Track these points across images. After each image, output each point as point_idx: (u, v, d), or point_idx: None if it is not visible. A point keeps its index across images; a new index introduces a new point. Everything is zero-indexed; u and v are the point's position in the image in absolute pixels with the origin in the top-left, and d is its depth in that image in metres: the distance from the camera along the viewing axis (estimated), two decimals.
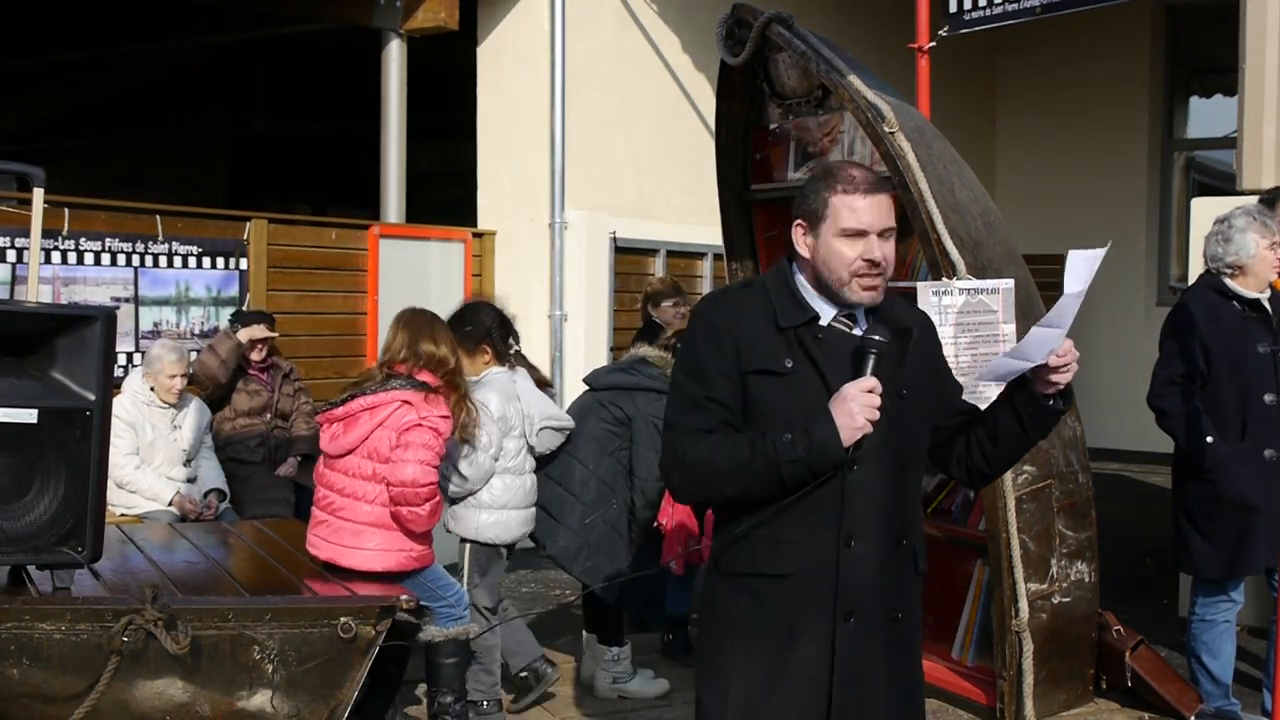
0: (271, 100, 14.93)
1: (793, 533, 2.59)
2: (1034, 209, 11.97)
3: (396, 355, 4.51)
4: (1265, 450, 4.63)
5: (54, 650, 3.61)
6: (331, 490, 4.46)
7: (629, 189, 8.91)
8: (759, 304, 2.67)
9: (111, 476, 5.96)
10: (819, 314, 2.65)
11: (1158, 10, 11.83)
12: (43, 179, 4.23)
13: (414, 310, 4.70)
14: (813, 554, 2.59)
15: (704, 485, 2.63)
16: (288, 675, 3.81)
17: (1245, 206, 4.85)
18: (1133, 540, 7.69)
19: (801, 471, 2.52)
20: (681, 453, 2.62)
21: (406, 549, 4.44)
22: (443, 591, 4.62)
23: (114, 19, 11.30)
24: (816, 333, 2.63)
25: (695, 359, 2.66)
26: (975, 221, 4.90)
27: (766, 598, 2.61)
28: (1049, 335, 2.59)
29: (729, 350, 2.61)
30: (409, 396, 4.42)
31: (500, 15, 8.66)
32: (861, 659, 2.61)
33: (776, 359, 2.60)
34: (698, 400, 2.63)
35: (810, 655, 2.59)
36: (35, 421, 3.58)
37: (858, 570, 2.60)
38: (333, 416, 4.47)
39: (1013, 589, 4.67)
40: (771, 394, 2.60)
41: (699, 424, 2.61)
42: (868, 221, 2.59)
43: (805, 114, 5.56)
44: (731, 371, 2.61)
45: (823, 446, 2.50)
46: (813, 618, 2.59)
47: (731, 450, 2.56)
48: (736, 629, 2.64)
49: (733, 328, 2.63)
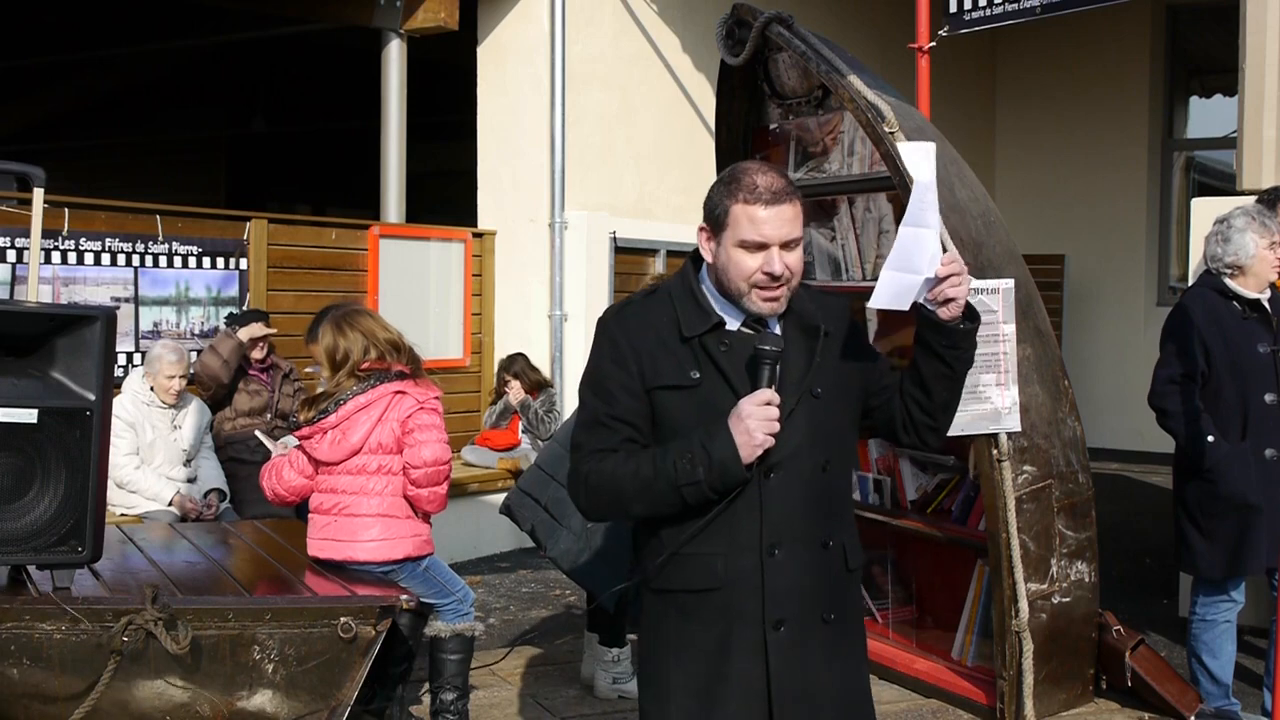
0: (271, 100, 14.94)
1: (714, 546, 2.54)
2: (1034, 209, 11.98)
3: (362, 356, 4.47)
4: (1266, 450, 4.63)
5: (54, 650, 3.62)
6: (335, 493, 4.46)
7: (629, 189, 8.91)
8: (663, 313, 2.59)
9: (111, 476, 5.97)
10: (724, 320, 2.57)
11: (1158, 10, 11.83)
12: (43, 179, 4.23)
13: (341, 308, 4.63)
14: (736, 566, 2.54)
15: (610, 506, 2.59)
16: (288, 675, 3.81)
17: (1244, 206, 4.85)
18: (1133, 540, 7.69)
19: (702, 493, 2.47)
20: (585, 473, 2.56)
21: (412, 535, 4.47)
22: (450, 587, 4.62)
23: (114, 19, 11.30)
24: (722, 340, 2.55)
25: (599, 377, 2.59)
26: (975, 221, 4.90)
27: (695, 613, 2.57)
28: (922, 238, 2.50)
29: (632, 367, 2.54)
30: (400, 386, 4.43)
31: (500, 15, 8.66)
32: (797, 667, 2.56)
33: (681, 372, 2.53)
34: (601, 418, 2.56)
35: (745, 667, 2.55)
36: (35, 421, 3.58)
37: (783, 578, 2.54)
38: (326, 425, 4.46)
39: (1013, 589, 4.67)
40: (679, 407, 2.53)
41: (602, 443, 2.55)
42: (768, 234, 2.49)
43: (805, 114, 5.55)
44: (636, 388, 2.54)
45: (722, 466, 2.45)
46: (743, 630, 2.55)
47: (635, 471, 2.50)
48: (671, 645, 2.60)
49: (635, 344, 2.55)
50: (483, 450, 8.13)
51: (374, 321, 4.56)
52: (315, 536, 4.50)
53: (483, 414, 8.36)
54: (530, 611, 6.62)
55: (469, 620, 4.63)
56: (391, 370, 4.47)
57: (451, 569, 4.79)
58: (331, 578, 4.26)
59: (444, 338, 8.29)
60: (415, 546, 4.48)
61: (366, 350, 4.47)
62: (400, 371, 4.48)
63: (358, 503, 4.42)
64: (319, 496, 4.52)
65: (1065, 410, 4.96)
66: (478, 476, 7.98)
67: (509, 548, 8.12)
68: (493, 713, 4.99)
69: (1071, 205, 12.05)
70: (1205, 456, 4.63)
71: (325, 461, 4.47)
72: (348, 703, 3.90)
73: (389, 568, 4.41)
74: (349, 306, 4.71)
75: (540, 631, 6.22)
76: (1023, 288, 4.88)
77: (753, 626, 2.55)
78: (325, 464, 4.48)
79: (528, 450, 8.08)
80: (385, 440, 4.40)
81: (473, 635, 4.63)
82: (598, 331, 2.66)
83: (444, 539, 7.68)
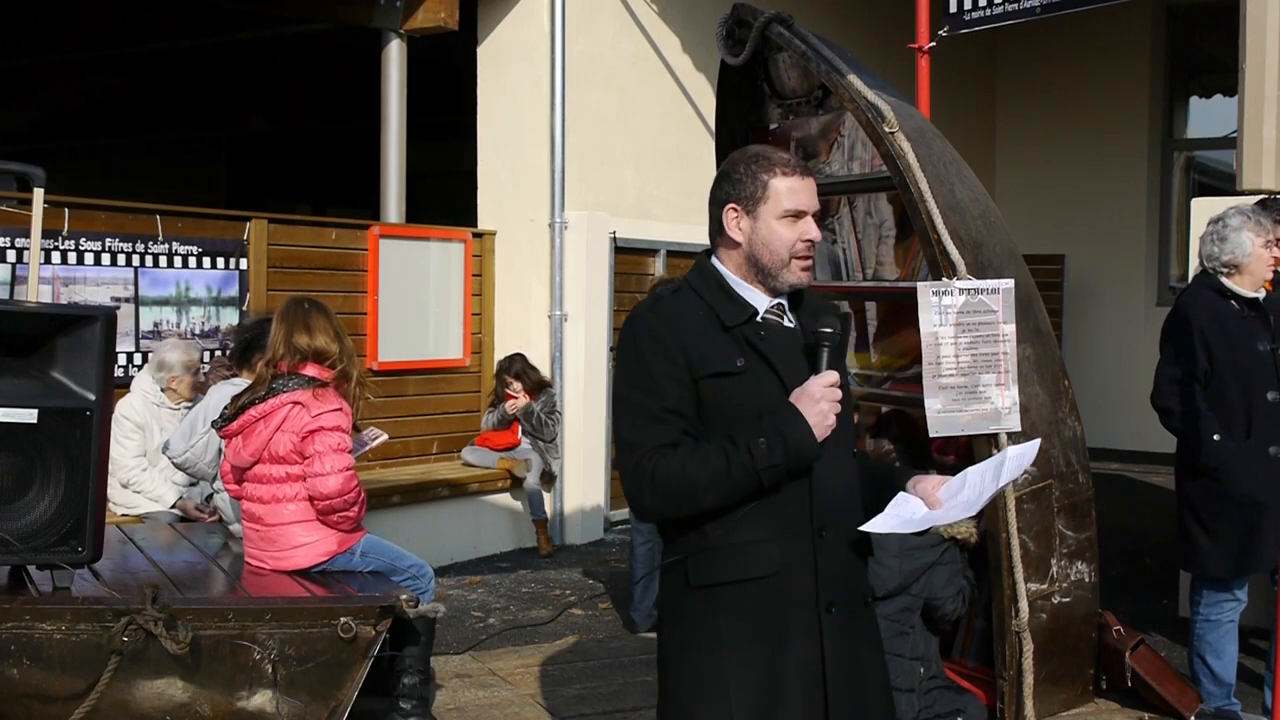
0: (271, 100, 14.93)
1: (763, 533, 2.56)
2: (1034, 209, 11.98)
3: (277, 354, 4.46)
4: (1270, 447, 4.63)
5: (54, 650, 3.62)
6: (252, 500, 4.48)
7: (629, 189, 8.91)
8: (696, 307, 2.63)
9: (118, 477, 5.98)
10: (757, 309, 2.64)
11: (1158, 10, 11.83)
12: (43, 179, 4.23)
13: (291, 301, 4.62)
14: (791, 550, 2.57)
15: (679, 501, 2.53)
16: (288, 675, 3.82)
17: (1238, 206, 4.86)
18: (1133, 540, 7.69)
19: (781, 475, 2.51)
20: (650, 471, 2.52)
21: (335, 532, 4.49)
22: (398, 564, 4.58)
23: (114, 19, 11.29)
24: (759, 328, 2.62)
25: (645, 372, 2.57)
26: (975, 221, 4.90)
27: (751, 602, 2.57)
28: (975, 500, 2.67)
29: (679, 359, 2.55)
30: (297, 397, 4.39)
31: (500, 15, 8.66)
32: (846, 649, 2.62)
33: (728, 359, 2.57)
34: (655, 414, 2.54)
35: (802, 653, 2.58)
36: (35, 421, 3.58)
37: (833, 560, 2.60)
38: (229, 431, 4.47)
39: (1013, 589, 4.67)
40: (728, 395, 2.56)
41: (662, 439, 2.53)
42: (806, 202, 2.63)
43: (805, 114, 5.55)
44: (685, 379, 2.55)
45: (799, 448, 2.50)
46: (800, 614, 2.58)
47: (704, 462, 2.50)
48: (724, 641, 2.57)
49: (680, 335, 2.58)
50: (482, 450, 8.13)
51: (303, 321, 4.48)
52: (247, 548, 4.55)
53: (482, 414, 8.35)
54: (530, 611, 6.62)
55: (428, 599, 4.53)
56: (300, 375, 4.43)
57: (400, 547, 4.74)
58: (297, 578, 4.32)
59: (444, 338, 8.29)
60: (339, 541, 4.48)
61: (279, 349, 4.45)
62: (310, 378, 4.42)
63: (274, 511, 4.44)
64: (245, 505, 4.56)
65: (1065, 410, 4.96)
66: (478, 476, 7.98)
67: (509, 548, 8.12)
68: (493, 713, 4.99)
69: (1071, 205, 12.05)
70: (1211, 456, 4.63)
71: (235, 467, 4.51)
72: (348, 703, 3.90)
73: (321, 565, 4.44)
74: (296, 299, 4.66)
75: (540, 631, 6.22)
76: (1023, 288, 4.88)
77: (808, 610, 2.58)
78: (237, 469, 4.52)
79: (528, 450, 8.08)
80: (283, 451, 4.39)
81: (434, 616, 4.52)
82: (633, 328, 2.65)
83: (444, 539, 7.73)
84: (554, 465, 8.21)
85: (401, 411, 7.92)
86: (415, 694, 4.57)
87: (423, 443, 8.18)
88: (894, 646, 4.07)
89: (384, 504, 7.11)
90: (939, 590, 4.31)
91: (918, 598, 4.23)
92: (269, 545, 4.44)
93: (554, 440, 8.15)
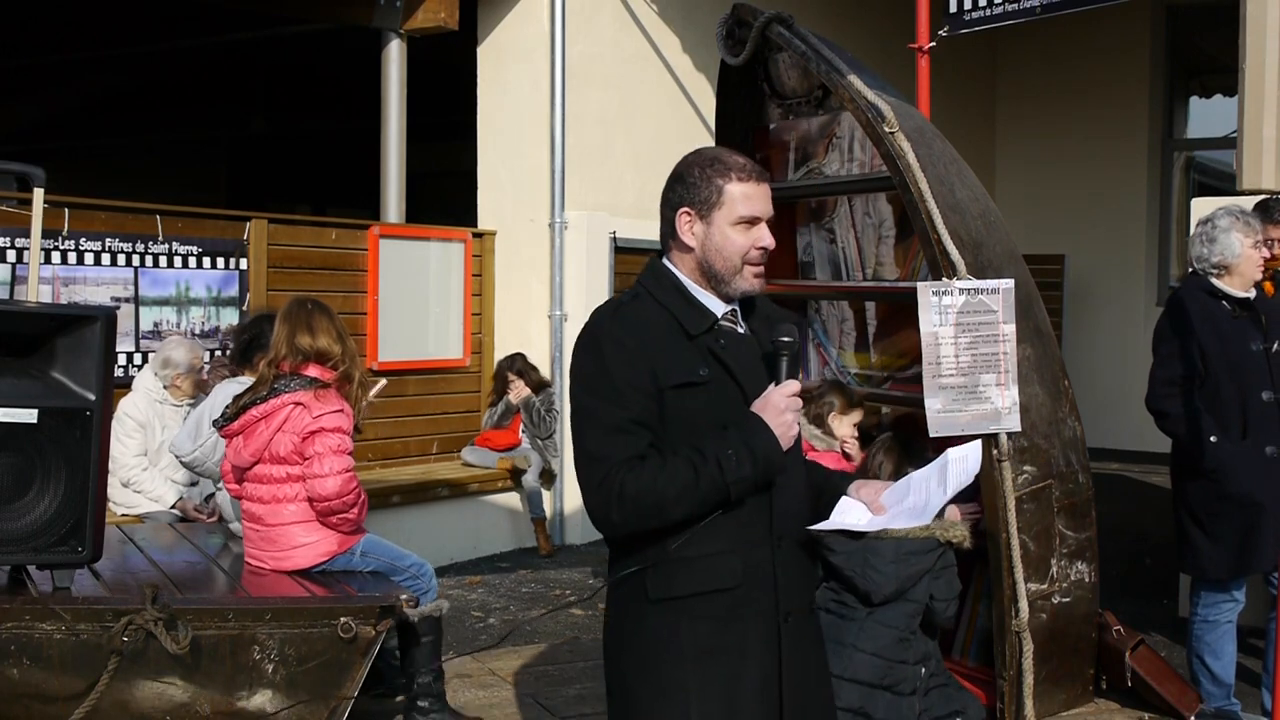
0: (271, 100, 14.93)
1: (723, 544, 2.52)
2: (1034, 209, 11.97)
3: (279, 354, 4.47)
4: (1267, 447, 4.63)
5: (54, 650, 3.62)
6: (252, 500, 4.48)
7: (629, 189, 8.91)
8: (656, 313, 2.57)
9: (119, 476, 5.98)
10: (717, 316, 2.59)
11: (1158, 10, 11.83)
12: (43, 179, 4.23)
13: (294, 301, 4.63)
14: (751, 561, 2.55)
15: (649, 515, 2.46)
16: (288, 675, 3.82)
17: (1227, 206, 4.87)
18: (1133, 540, 7.69)
19: (749, 487, 2.48)
20: (619, 486, 2.43)
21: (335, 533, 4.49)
22: (398, 563, 4.58)
23: (114, 19, 11.29)
24: (719, 336, 2.57)
25: (608, 380, 2.49)
26: (975, 221, 4.90)
27: (712, 614, 2.54)
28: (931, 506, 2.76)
29: (643, 367, 2.48)
30: (299, 398, 4.39)
31: (500, 15, 8.66)
32: (799, 657, 2.61)
33: (692, 369, 2.51)
34: (621, 425, 2.46)
35: (761, 662, 2.57)
36: (35, 421, 3.58)
37: (789, 569, 2.59)
38: (230, 431, 4.47)
39: (1013, 589, 4.66)
40: (690, 405, 2.50)
41: (629, 451, 2.45)
42: (761, 209, 2.57)
43: (805, 114, 5.55)
44: (649, 388, 2.48)
45: (767, 459, 2.47)
46: (760, 624, 2.56)
47: (673, 475, 2.44)
48: (686, 654, 2.52)
49: (644, 344, 2.51)
50: (483, 450, 8.13)
51: (305, 321, 4.48)
52: (247, 548, 4.55)
53: (482, 414, 8.36)
54: (530, 611, 6.62)
55: (431, 598, 4.54)
56: (302, 375, 4.43)
57: (400, 547, 4.74)
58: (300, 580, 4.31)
59: (444, 338, 8.29)
60: (339, 541, 4.48)
61: (280, 349, 4.46)
62: (312, 379, 4.42)
63: (274, 512, 4.44)
64: (245, 505, 4.55)
65: (1065, 410, 4.95)
66: (478, 476, 7.98)
67: (509, 548, 8.12)
68: (493, 713, 4.99)
69: (1071, 205, 12.04)
70: (1209, 457, 4.63)
71: (236, 467, 4.51)
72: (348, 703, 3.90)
73: (321, 565, 4.43)
74: (299, 299, 4.66)
75: (540, 631, 6.22)
76: (1023, 288, 4.88)
77: (767, 620, 2.57)
78: (238, 470, 4.52)
79: (528, 450, 8.09)
80: (283, 452, 4.39)
81: (439, 614, 4.53)
82: (594, 335, 2.58)
83: (444, 539, 7.73)
84: (553, 464, 8.21)
85: (401, 411, 7.92)
86: (431, 691, 4.59)
87: (423, 443, 8.18)
88: (898, 653, 4.07)
89: (384, 504, 7.12)
90: (940, 594, 4.31)
91: (920, 604, 4.23)
92: (269, 545, 4.45)
93: (551, 437, 8.16)
